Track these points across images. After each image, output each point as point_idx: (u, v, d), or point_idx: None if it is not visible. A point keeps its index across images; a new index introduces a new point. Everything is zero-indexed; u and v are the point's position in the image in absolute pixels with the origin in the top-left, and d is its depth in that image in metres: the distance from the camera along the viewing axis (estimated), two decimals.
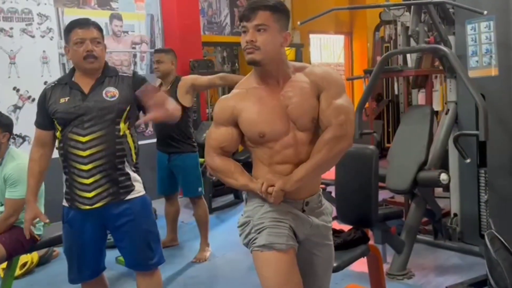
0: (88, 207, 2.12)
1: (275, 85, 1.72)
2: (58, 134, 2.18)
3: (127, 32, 5.18)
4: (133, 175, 2.19)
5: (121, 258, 3.53)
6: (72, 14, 4.58)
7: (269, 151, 1.71)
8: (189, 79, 3.58)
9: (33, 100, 4.29)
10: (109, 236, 4.16)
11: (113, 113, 2.12)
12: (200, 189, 3.66)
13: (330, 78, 1.72)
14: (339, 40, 9.27)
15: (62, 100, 2.13)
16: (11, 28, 4.19)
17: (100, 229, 2.22)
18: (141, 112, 2.28)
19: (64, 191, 2.21)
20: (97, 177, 2.10)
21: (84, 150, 2.09)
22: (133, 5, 5.23)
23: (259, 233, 1.71)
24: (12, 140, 3.17)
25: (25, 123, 3.87)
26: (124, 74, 2.25)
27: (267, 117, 1.69)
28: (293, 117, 1.69)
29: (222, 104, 1.78)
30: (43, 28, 4.38)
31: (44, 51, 4.38)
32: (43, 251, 3.53)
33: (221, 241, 3.92)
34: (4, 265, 2.92)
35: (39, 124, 2.24)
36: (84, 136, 2.09)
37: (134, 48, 5.28)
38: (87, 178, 2.10)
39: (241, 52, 7.98)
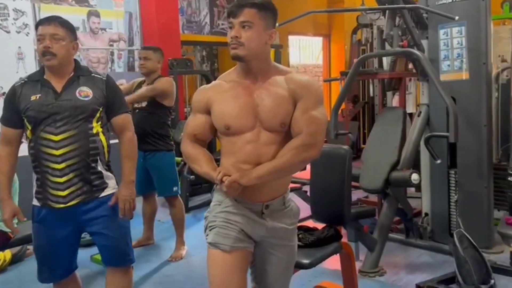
0: (62, 205, 2.10)
1: (253, 82, 1.75)
2: (28, 133, 2.14)
3: (104, 29, 5.15)
4: (106, 173, 2.18)
5: (96, 257, 3.54)
6: (48, 10, 4.54)
7: (233, 147, 1.75)
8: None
9: None
10: (83, 235, 4.16)
11: (86, 113, 2.11)
12: (175, 188, 3.64)
13: (309, 88, 1.74)
14: (317, 41, 9.38)
15: (33, 98, 2.09)
16: None
17: (74, 228, 2.18)
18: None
19: (34, 190, 2.17)
20: (70, 175, 2.08)
21: (57, 149, 2.07)
22: (111, 3, 5.20)
23: (210, 230, 1.78)
24: None
25: None
26: (98, 76, 2.22)
27: (235, 111, 1.73)
28: (261, 117, 1.72)
29: (200, 92, 1.84)
30: (18, 23, 4.32)
31: (19, 47, 4.32)
32: (16, 249, 3.49)
33: (197, 240, 3.92)
34: None
35: (6, 121, 2.18)
36: (56, 135, 2.07)
37: (111, 45, 5.25)
38: (61, 176, 2.08)
39: (220, 51, 8.00)
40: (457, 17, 3.25)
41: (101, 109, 2.17)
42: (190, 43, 6.61)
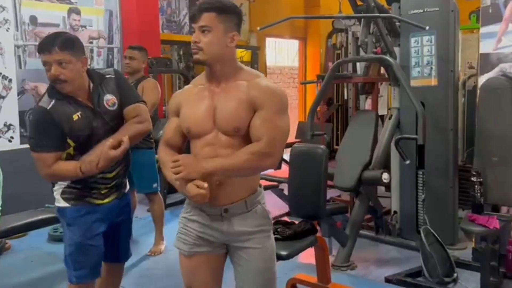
0: (100, 201, 2.12)
1: (217, 85, 1.75)
2: (70, 151, 2.04)
3: (84, 26, 5.16)
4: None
5: None
6: (29, 6, 4.54)
7: (195, 149, 1.78)
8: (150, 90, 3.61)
9: None
10: (62, 229, 4.19)
11: (119, 120, 2.12)
12: (155, 185, 3.70)
13: (272, 96, 1.69)
14: (293, 44, 9.53)
15: (75, 117, 2.00)
16: None
17: (106, 224, 2.17)
18: None
19: (65, 191, 2.10)
20: (118, 180, 2.16)
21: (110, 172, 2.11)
22: (92, 0, 5.21)
23: (176, 235, 1.88)
24: None
25: None
26: (109, 76, 2.15)
27: (196, 114, 1.74)
28: (217, 120, 1.72)
29: (174, 97, 1.89)
30: None
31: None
32: None
33: (175, 235, 4.00)
34: None
35: (52, 148, 2.00)
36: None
37: (91, 43, 5.26)
38: (111, 183, 2.13)
39: None
40: (427, 27, 3.41)
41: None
42: (170, 43, 6.65)
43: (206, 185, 1.64)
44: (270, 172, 4.32)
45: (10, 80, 4.39)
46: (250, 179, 1.79)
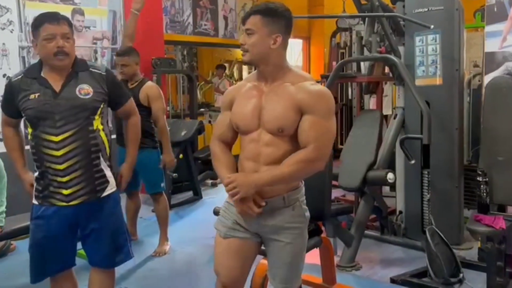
0: (64, 203, 2.08)
1: (265, 85, 1.85)
2: (29, 130, 2.11)
3: (88, 27, 5.17)
4: (107, 170, 2.18)
5: (81, 252, 3.58)
6: (33, 7, 4.55)
7: (242, 143, 1.90)
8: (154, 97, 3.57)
9: None
10: None
11: (87, 111, 2.09)
12: (162, 184, 3.70)
13: (320, 100, 1.76)
14: (297, 44, 9.51)
15: (32, 96, 2.05)
16: None
17: (72, 225, 2.15)
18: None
19: (34, 188, 2.15)
20: (73, 175, 2.06)
21: (58, 149, 2.04)
22: (96, 1, 5.22)
23: (218, 215, 2.01)
24: None
25: None
26: (96, 71, 2.17)
27: (244, 111, 1.85)
28: (263, 119, 1.81)
29: (227, 92, 2.00)
30: (3, 20, 4.32)
31: (4, 44, 4.32)
32: (0, 244, 3.52)
33: (180, 236, 4.02)
34: None
35: (6, 111, 2.21)
36: (57, 135, 2.04)
37: (95, 43, 5.28)
38: (63, 176, 2.06)
39: (200, 50, 8.04)
40: (432, 26, 3.40)
41: (102, 105, 2.15)
42: (173, 43, 6.66)
43: (261, 208, 1.80)
44: None
45: None
46: None
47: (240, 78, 8.94)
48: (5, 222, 2.97)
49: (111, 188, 2.20)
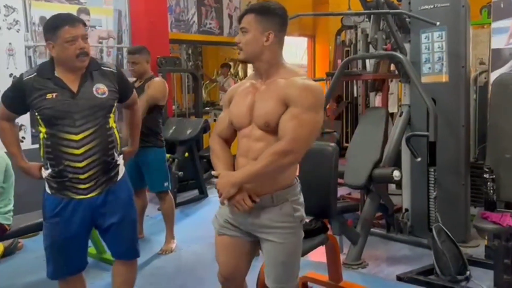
0: (82, 196, 2.13)
1: (261, 82, 1.89)
2: (42, 129, 2.13)
3: (94, 26, 5.19)
4: (120, 159, 2.26)
5: (88, 250, 3.60)
6: (39, 7, 4.57)
7: (238, 140, 1.95)
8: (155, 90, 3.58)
9: None
10: None
11: (104, 110, 2.15)
12: (166, 184, 3.70)
13: (305, 93, 1.76)
14: (302, 42, 9.50)
15: (49, 96, 2.07)
16: None
17: (89, 221, 2.20)
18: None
19: (48, 185, 2.17)
20: (92, 171, 2.11)
21: (78, 148, 2.08)
22: (101, 0, 5.24)
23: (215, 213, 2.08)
24: None
25: None
26: (107, 69, 2.22)
27: (238, 108, 1.90)
28: (254, 114, 1.85)
29: (228, 91, 2.05)
30: (9, 20, 4.34)
31: (10, 43, 4.34)
32: (8, 242, 3.54)
33: (186, 234, 4.03)
34: None
35: (10, 107, 2.20)
36: (77, 134, 2.08)
37: (100, 43, 5.30)
38: (82, 174, 2.10)
39: (205, 49, 8.05)
40: (438, 23, 3.38)
41: (115, 103, 2.23)
42: (178, 42, 6.67)
43: (249, 203, 1.82)
44: None
45: None
46: (278, 175, 1.85)
47: (245, 77, 8.93)
48: (13, 220, 2.98)
49: (121, 173, 2.27)
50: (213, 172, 1.91)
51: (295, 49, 9.80)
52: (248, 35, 1.82)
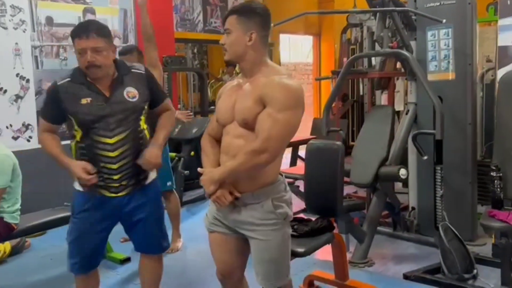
0: (113, 194, 2.19)
1: (245, 81, 1.92)
2: (77, 134, 2.16)
3: None
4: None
5: None
6: (45, 7, 4.59)
7: (222, 137, 1.97)
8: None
9: (5, 92, 4.28)
10: None
11: (136, 113, 2.18)
12: (169, 183, 3.68)
13: (282, 92, 1.77)
14: (307, 40, 9.49)
15: (84, 101, 2.11)
16: None
17: (114, 218, 2.27)
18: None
19: (80, 182, 2.20)
20: (124, 172, 2.18)
21: (113, 151, 2.13)
22: (107, 0, 5.25)
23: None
24: None
25: None
26: (137, 71, 2.25)
27: (223, 106, 1.95)
28: (234, 112, 1.89)
29: (220, 91, 2.08)
30: (16, 20, 4.36)
31: (16, 43, 4.36)
32: (15, 241, 3.57)
33: (192, 233, 4.03)
34: None
35: (50, 119, 2.21)
36: (111, 137, 2.13)
37: None
38: (116, 174, 2.16)
39: (210, 48, 8.05)
40: (444, 20, 3.37)
41: (146, 105, 2.25)
42: (184, 41, 6.68)
43: (229, 197, 1.85)
44: (285, 169, 4.32)
45: (27, 81, 4.45)
46: (257, 174, 1.86)
47: None
48: (20, 219, 3.00)
49: (151, 177, 2.32)
50: (199, 169, 1.93)
51: (300, 48, 9.79)
52: (231, 36, 1.86)
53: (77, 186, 2.23)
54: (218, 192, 1.85)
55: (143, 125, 2.25)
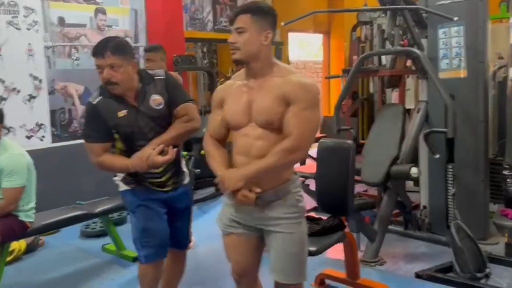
0: (157, 189, 2.30)
1: (254, 81, 1.90)
2: (119, 144, 2.25)
3: (111, 26, 5.24)
4: (183, 166, 2.42)
5: (108, 247, 3.67)
6: (57, 7, 4.63)
7: (233, 139, 1.97)
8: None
9: (19, 91, 4.33)
10: (93, 225, 4.25)
11: (165, 119, 2.25)
12: None
13: (304, 91, 1.82)
14: (317, 38, 9.47)
15: (120, 114, 2.18)
16: None
17: (165, 208, 2.34)
18: None
19: (126, 182, 2.31)
20: (168, 175, 2.29)
21: None
22: (117, 0, 5.29)
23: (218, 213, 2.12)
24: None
25: (10, 114, 3.91)
26: (159, 77, 2.28)
27: (234, 108, 1.92)
28: (252, 114, 1.88)
29: (217, 92, 2.06)
30: (28, 21, 4.41)
31: (29, 44, 4.41)
32: (30, 239, 3.61)
33: (203, 231, 4.05)
34: None
35: (97, 138, 2.21)
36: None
37: None
38: (160, 178, 2.28)
39: (220, 47, 8.07)
40: (455, 18, 3.35)
41: (171, 109, 2.29)
42: (194, 40, 6.70)
43: (253, 195, 1.84)
44: (296, 167, 4.31)
45: (40, 81, 4.50)
46: (282, 171, 1.91)
47: None
48: (35, 218, 3.04)
49: (187, 179, 2.43)
50: (218, 173, 1.90)
51: (310, 46, 9.78)
52: (245, 35, 1.84)
53: (123, 187, 2.33)
54: (243, 190, 1.84)
55: None
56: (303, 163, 5.44)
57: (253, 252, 2.06)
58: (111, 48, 2.13)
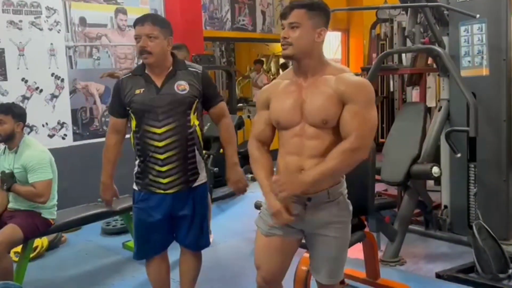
0: (161, 191, 2.29)
1: (304, 80, 1.85)
2: (133, 125, 2.30)
3: (131, 26, 5.29)
4: (200, 163, 2.35)
5: (128, 244, 3.71)
6: (78, 8, 4.70)
7: (282, 139, 1.90)
8: None
9: (41, 91, 4.41)
10: (114, 223, 4.30)
11: (184, 106, 2.25)
12: None
13: (360, 90, 1.77)
14: (336, 36, 9.41)
15: (137, 91, 2.25)
16: (20, 21, 4.28)
17: (166, 213, 2.34)
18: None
19: (136, 176, 2.36)
20: (171, 166, 2.26)
21: (160, 141, 2.23)
22: (138, 0, 5.34)
23: (259, 214, 2.06)
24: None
25: (33, 113, 3.99)
26: (193, 69, 2.33)
27: (284, 107, 1.86)
28: (305, 113, 1.82)
29: (262, 92, 2.01)
30: (51, 21, 4.48)
31: (51, 44, 4.48)
32: (52, 236, 3.68)
33: (222, 229, 4.08)
34: (17, 249, 3.06)
35: (115, 112, 2.37)
36: (159, 127, 2.23)
37: None
38: (162, 166, 2.25)
39: (237, 46, 8.08)
40: (478, 15, 3.30)
41: (196, 101, 2.30)
42: (212, 39, 6.73)
43: (296, 212, 1.83)
44: None
45: (62, 80, 4.57)
46: None
47: (278, 72, 8.94)
48: (57, 215, 3.09)
49: (201, 180, 2.37)
50: (274, 177, 1.83)
51: (328, 44, 9.72)
52: (299, 30, 1.78)
53: (135, 186, 2.38)
54: (280, 214, 1.83)
55: (194, 120, 2.29)
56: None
57: (289, 256, 2.02)
58: (152, 18, 2.23)
